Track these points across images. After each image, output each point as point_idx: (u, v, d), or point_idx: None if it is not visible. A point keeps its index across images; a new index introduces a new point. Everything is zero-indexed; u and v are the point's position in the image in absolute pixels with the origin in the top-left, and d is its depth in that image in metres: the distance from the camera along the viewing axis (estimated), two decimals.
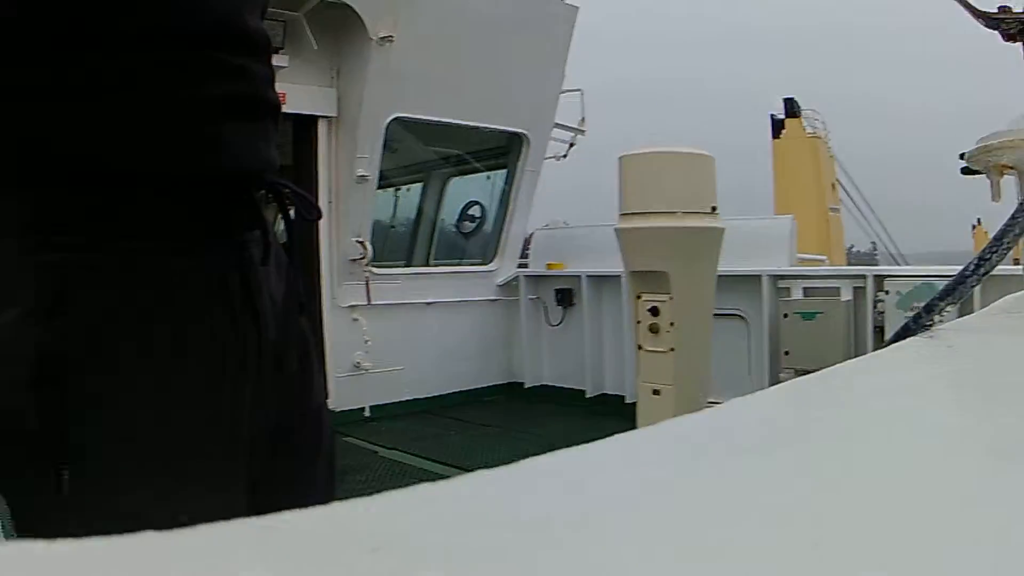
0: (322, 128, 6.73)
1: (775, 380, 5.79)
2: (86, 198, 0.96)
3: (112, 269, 0.95)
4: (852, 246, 23.69)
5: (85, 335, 0.93)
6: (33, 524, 0.91)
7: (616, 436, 0.45)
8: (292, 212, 1.19)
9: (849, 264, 15.11)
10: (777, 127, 17.45)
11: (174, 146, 1.00)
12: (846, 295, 6.06)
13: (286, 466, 1.16)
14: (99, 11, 0.96)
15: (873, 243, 23.13)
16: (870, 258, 22.56)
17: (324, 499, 0.34)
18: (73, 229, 0.95)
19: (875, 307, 5.84)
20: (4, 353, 0.92)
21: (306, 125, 6.64)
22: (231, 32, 1.06)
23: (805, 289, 6.30)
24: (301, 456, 1.20)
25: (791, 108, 17.40)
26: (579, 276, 7.62)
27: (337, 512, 0.33)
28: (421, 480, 0.34)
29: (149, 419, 0.95)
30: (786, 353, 5.96)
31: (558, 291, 7.77)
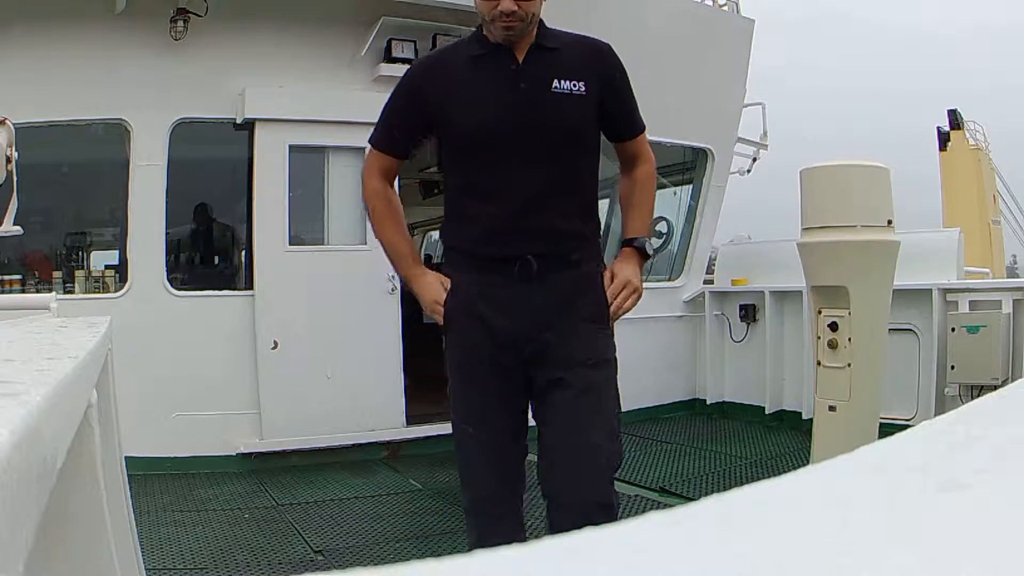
0: None
1: (941, 396, 5.84)
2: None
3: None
4: None
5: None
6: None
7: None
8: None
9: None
10: (943, 139, 17.19)
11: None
12: (1006, 308, 5.97)
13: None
14: None
15: (1013, 256, 22.72)
16: (1011, 271, 21.57)
17: None
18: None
19: None
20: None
21: None
22: None
23: (971, 303, 6.20)
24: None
25: (955, 120, 17.06)
26: (763, 292, 7.47)
27: None
28: None
29: None
30: (951, 367, 5.87)
31: (742, 307, 7.63)
